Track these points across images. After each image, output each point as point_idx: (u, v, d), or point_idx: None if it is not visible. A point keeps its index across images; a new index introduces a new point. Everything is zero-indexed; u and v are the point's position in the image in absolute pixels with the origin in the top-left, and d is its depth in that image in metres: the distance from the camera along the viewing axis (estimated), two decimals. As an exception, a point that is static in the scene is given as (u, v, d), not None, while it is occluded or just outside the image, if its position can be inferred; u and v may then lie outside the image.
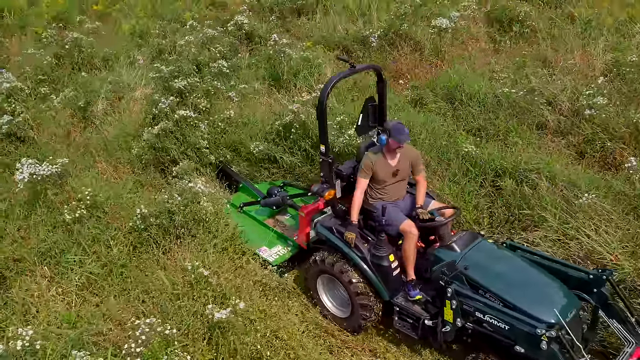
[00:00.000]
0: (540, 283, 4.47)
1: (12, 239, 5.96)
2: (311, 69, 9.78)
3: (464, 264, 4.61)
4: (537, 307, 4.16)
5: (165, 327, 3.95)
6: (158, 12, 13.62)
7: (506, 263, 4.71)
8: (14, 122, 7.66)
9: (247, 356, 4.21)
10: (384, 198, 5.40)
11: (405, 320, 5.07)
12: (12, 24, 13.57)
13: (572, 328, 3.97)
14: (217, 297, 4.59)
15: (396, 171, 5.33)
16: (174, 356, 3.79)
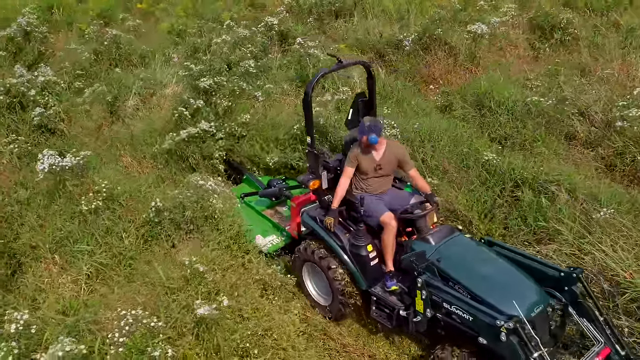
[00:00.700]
0: (510, 278, 4.50)
1: (31, 226, 6.17)
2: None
3: (437, 256, 4.71)
4: (502, 300, 4.20)
5: (152, 319, 4.02)
6: (199, 11, 13.89)
7: (479, 258, 4.77)
8: (46, 114, 7.95)
9: (231, 353, 4.24)
10: (367, 190, 5.50)
11: (382, 310, 5.19)
12: (60, 20, 14.11)
13: (537, 323, 4.07)
14: (210, 293, 4.63)
15: (379, 166, 5.42)
16: (158, 348, 3.85)
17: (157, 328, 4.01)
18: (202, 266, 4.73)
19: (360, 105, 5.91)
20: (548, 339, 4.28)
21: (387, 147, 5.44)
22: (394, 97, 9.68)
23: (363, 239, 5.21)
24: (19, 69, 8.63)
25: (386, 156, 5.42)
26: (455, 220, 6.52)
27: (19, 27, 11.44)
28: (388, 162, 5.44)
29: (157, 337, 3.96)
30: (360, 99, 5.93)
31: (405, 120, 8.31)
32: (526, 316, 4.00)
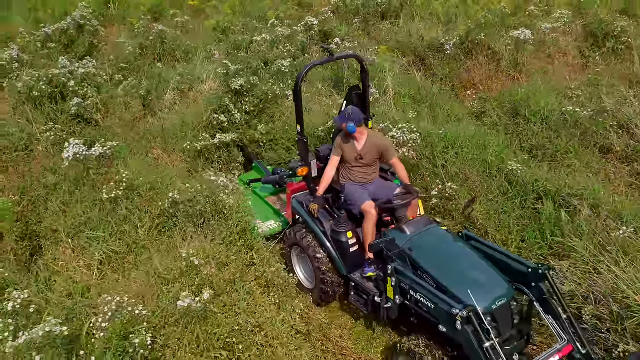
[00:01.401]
0: (478, 271, 4.56)
1: (54, 210, 6.44)
2: (374, 73, 9.68)
3: (409, 245, 4.83)
4: (463, 290, 4.24)
5: (137, 307, 4.13)
6: (246, 9, 14.10)
7: (451, 249, 4.89)
8: (83, 104, 8.26)
9: (213, 345, 4.29)
10: (351, 178, 5.71)
11: (360, 295, 5.41)
12: (115, 14, 14.64)
13: (498, 315, 4.22)
14: (202, 286, 4.71)
15: (359, 155, 5.58)
16: (138, 335, 3.96)
17: (141, 316, 4.11)
18: (197, 259, 4.79)
19: (354, 98, 6.06)
20: (512, 332, 4.35)
21: (368, 137, 5.60)
22: (428, 101, 9.54)
23: (343, 225, 5.41)
24: (62, 60, 8.99)
25: (367, 146, 5.57)
26: (471, 228, 6.37)
27: (73, 19, 11.92)
28: (369, 151, 5.58)
29: (139, 324, 4.05)
30: (354, 91, 6.08)
31: (434, 125, 8.19)
32: (487, 308, 4.15)
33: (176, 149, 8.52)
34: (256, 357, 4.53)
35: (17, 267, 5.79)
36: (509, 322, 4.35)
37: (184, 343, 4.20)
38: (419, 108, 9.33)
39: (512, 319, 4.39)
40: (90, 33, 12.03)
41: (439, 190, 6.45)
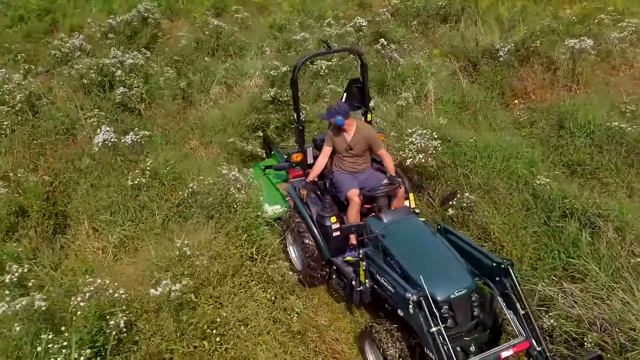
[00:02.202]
0: (444, 262, 4.65)
1: (82, 193, 6.78)
2: (417, 77, 9.52)
3: (383, 232, 4.97)
4: (423, 277, 4.30)
5: (117, 291, 4.29)
6: (307, 8, 14.20)
7: (422, 239, 4.96)
8: (128, 94, 8.64)
9: (190, 334, 4.39)
10: (343, 168, 5.93)
11: (340, 279, 5.63)
12: (182, 8, 15.17)
13: (456, 305, 4.32)
14: (190, 277, 4.81)
15: (349, 146, 5.80)
16: (114, 316, 4.11)
17: (121, 300, 4.26)
18: (189, 250, 4.90)
19: (354, 90, 6.27)
20: (471, 323, 4.43)
21: (357, 128, 5.79)
22: (472, 108, 9.27)
23: (328, 210, 5.62)
24: (114, 50, 9.42)
25: (356, 137, 5.77)
26: (485, 241, 6.14)
27: (138, 12, 12.47)
28: (358, 142, 5.78)
29: (117, 307, 4.20)
30: (355, 85, 6.28)
31: (474, 133, 7.95)
32: (445, 296, 4.28)
33: (213, 142, 8.73)
34: (233, 350, 4.56)
35: (38, 244, 6.11)
36: (467, 313, 4.42)
37: (158, 329, 4.31)
38: (460, 115, 9.08)
39: (471, 310, 4.45)
40: (153, 26, 12.49)
41: (458, 199, 6.25)
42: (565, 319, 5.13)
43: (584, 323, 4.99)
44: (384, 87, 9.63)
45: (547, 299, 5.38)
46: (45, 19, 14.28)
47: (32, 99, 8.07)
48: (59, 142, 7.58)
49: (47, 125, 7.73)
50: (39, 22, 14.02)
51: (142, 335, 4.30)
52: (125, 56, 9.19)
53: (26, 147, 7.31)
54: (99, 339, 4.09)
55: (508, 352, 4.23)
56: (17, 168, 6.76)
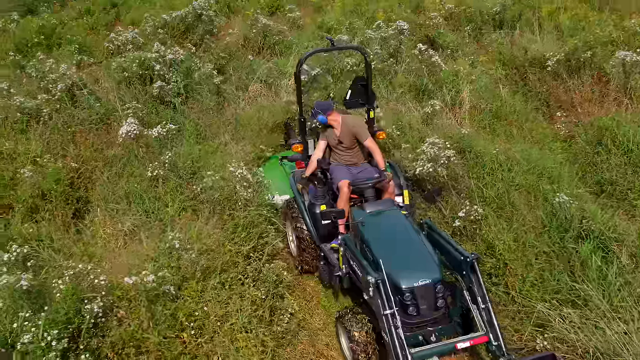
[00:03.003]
0: (415, 252, 4.83)
1: (104, 181, 7.08)
2: (456, 84, 9.29)
3: (364, 221, 5.17)
4: (388, 264, 4.55)
5: (98, 277, 4.47)
6: (361, 9, 14.11)
7: (399, 231, 5.13)
8: (165, 88, 8.93)
9: (166, 325, 4.52)
10: (338, 160, 6.19)
11: (327, 266, 5.73)
12: (240, 6, 15.46)
13: (419, 293, 4.49)
14: (177, 269, 4.94)
15: (339, 140, 6.06)
16: (92, 301, 4.30)
17: (99, 285, 4.43)
18: (178, 243, 5.03)
19: (359, 88, 6.44)
20: (435, 313, 4.58)
21: (342, 122, 6.03)
22: (509, 119, 8.96)
23: (320, 198, 5.85)
24: (157, 45, 9.73)
25: (343, 131, 6.03)
26: (490, 257, 5.92)
27: (193, 9, 12.82)
28: (346, 136, 6.03)
29: (97, 293, 4.38)
30: (360, 82, 6.45)
31: (499, 144, 7.70)
32: (408, 285, 4.47)
33: (245, 138, 8.86)
34: (208, 345, 4.64)
35: (57, 227, 6.43)
36: (431, 304, 4.56)
37: (135, 317, 4.45)
38: (495, 125, 8.80)
39: (435, 301, 4.57)
40: (206, 23, 12.80)
41: (466, 212, 6.06)
42: (560, 343, 4.93)
43: (578, 350, 4.76)
44: (420, 93, 9.46)
45: (544, 320, 5.16)
46: (111, 13, 14.97)
47: (74, 88, 8.48)
48: (92, 131, 7.93)
49: (82, 114, 8.10)
50: (104, 15, 14.69)
51: (116, 322, 4.44)
52: (167, 51, 9.45)
53: (60, 134, 7.69)
54: (75, 320, 4.26)
55: (465, 344, 4.38)
56: (46, 153, 7.13)
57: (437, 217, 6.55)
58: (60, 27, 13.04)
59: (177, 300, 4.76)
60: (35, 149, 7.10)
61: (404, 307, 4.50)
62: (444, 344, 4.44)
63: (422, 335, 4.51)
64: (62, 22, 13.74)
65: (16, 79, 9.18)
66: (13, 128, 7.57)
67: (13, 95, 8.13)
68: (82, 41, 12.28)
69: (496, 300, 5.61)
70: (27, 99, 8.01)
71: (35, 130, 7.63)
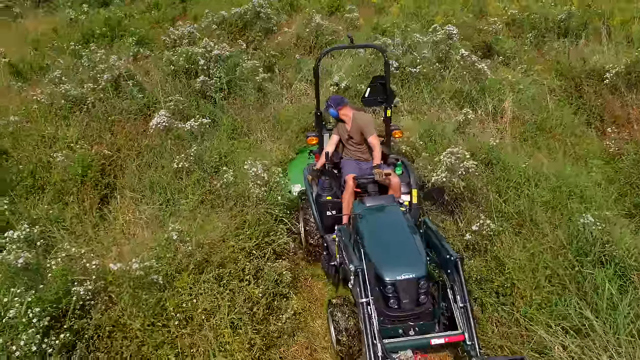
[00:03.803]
0: (404, 248, 4.90)
1: (133, 169, 7.35)
2: (501, 92, 8.96)
3: (361, 213, 5.30)
4: (377, 257, 4.74)
5: (90, 261, 4.65)
6: (422, 12, 13.86)
7: (393, 226, 5.19)
8: (208, 82, 9.15)
9: (151, 313, 4.66)
10: (348, 155, 6.37)
11: (327, 255, 5.86)
12: (302, 5, 15.57)
13: (401, 287, 4.56)
14: (171, 260, 5.07)
15: (349, 135, 6.23)
16: (81, 284, 4.49)
17: (91, 269, 4.61)
18: (175, 234, 5.15)
19: (378, 87, 6.50)
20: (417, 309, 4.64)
21: (353, 118, 6.17)
22: (554, 132, 8.54)
23: (327, 190, 6.04)
24: (205, 40, 9.97)
25: (353, 127, 6.17)
26: (499, 274, 5.66)
27: (252, 6, 13.07)
28: (355, 131, 6.17)
29: (88, 276, 4.57)
30: (379, 81, 6.50)
31: (533, 158, 7.37)
32: (391, 278, 4.56)
33: (283, 136, 8.95)
34: (189, 337, 4.72)
35: (83, 210, 6.74)
36: (413, 298, 4.62)
37: (120, 303, 4.60)
38: (538, 138, 8.41)
39: (417, 296, 4.63)
40: (264, 20, 13.01)
41: (479, 226, 5.84)
42: (558, 370, 4.68)
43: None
44: (462, 99, 9.20)
45: (544, 347, 4.89)
46: (177, 7, 15.49)
47: (121, 79, 8.84)
48: (130, 121, 8.24)
49: (123, 104, 8.44)
50: (170, 10, 15.23)
51: (104, 306, 4.61)
52: (215, 47, 9.67)
53: (99, 122, 8.05)
54: (63, 301, 4.46)
55: (439, 340, 4.46)
56: (82, 140, 7.48)
57: (452, 228, 6.34)
58: (127, 20, 13.63)
59: (165, 290, 4.86)
60: (72, 135, 7.45)
61: (385, 299, 4.62)
62: (419, 338, 4.53)
63: (402, 329, 4.62)
64: (130, 15, 14.37)
65: (73, 68, 9.67)
66: (56, 114, 7.99)
67: (63, 83, 8.57)
68: (144, 34, 12.78)
69: (500, 320, 5.38)
70: (74, 87, 8.42)
71: (76, 117, 8.01)
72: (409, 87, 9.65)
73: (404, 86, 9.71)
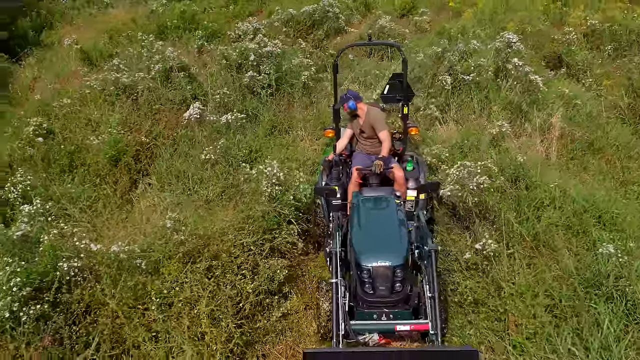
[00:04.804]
0: (387, 237, 5.08)
1: (165, 157, 7.65)
2: (555, 106, 8.45)
3: (357, 202, 5.55)
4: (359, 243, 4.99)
5: (81, 240, 4.91)
6: (497, 17, 13.27)
7: (384, 216, 5.40)
8: (256, 78, 9.33)
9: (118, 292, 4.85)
10: (360, 148, 6.60)
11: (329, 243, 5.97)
12: (379, 5, 15.45)
13: (376, 273, 4.79)
14: (159, 245, 5.25)
15: (361, 130, 6.44)
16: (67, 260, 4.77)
17: (85, 248, 4.87)
18: (170, 222, 5.32)
19: (396, 84, 6.78)
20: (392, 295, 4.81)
21: (366, 113, 6.37)
22: (606, 153, 7.94)
23: (334, 180, 6.32)
24: (260, 37, 10.14)
25: (366, 121, 6.35)
26: (496, 298, 5.36)
27: (321, 6, 13.15)
28: (368, 126, 6.35)
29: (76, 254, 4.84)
30: (398, 78, 6.75)
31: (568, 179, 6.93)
32: (367, 263, 4.79)
33: (321, 137, 8.95)
34: (165, 323, 4.86)
35: (112, 191, 7.13)
36: (388, 286, 4.79)
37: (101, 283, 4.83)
38: (587, 159, 7.85)
39: (392, 284, 4.80)
40: (332, 20, 13.05)
41: (483, 245, 5.57)
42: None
43: None
44: (512, 111, 8.75)
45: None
46: (254, 3, 15.86)
47: (173, 70, 9.20)
48: (172, 111, 8.56)
49: (169, 94, 8.79)
50: (247, 6, 15.62)
51: (87, 284, 4.85)
52: (268, 43, 9.84)
53: (143, 110, 8.44)
54: (50, 275, 4.74)
55: (404, 327, 4.70)
56: (123, 126, 7.88)
57: (462, 244, 6.08)
58: (203, 14, 14.16)
59: (150, 275, 5.04)
60: (113, 120, 7.87)
61: (362, 284, 4.84)
62: (385, 323, 4.76)
63: (376, 314, 4.81)
64: (208, 9, 14.91)
65: (137, 57, 10.17)
66: (105, 100, 8.47)
67: (119, 71, 9.07)
68: (217, 28, 13.19)
69: (492, 346, 5.10)
70: (127, 75, 8.88)
71: (123, 103, 8.45)
72: (459, 94, 9.32)
73: (454, 93, 9.39)
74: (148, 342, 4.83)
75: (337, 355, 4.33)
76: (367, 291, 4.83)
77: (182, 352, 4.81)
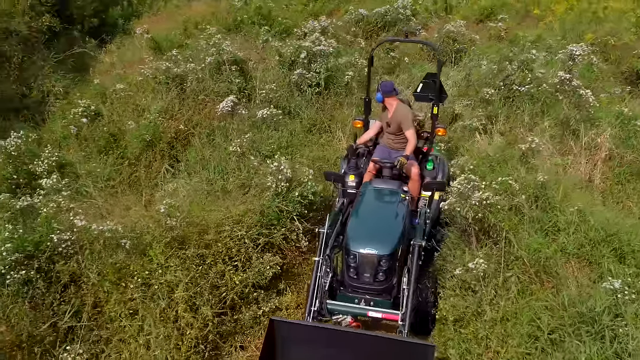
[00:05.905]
0: (381, 227, 5.24)
1: (198, 146, 7.95)
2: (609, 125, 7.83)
3: (364, 192, 5.72)
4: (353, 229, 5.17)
5: (75, 217, 5.25)
6: (579, 27, 12.43)
7: (385, 207, 5.59)
8: (305, 76, 9.43)
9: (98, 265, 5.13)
10: (383, 142, 6.69)
11: None
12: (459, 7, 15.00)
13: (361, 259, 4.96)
14: (148, 229, 5.49)
15: (388, 123, 6.45)
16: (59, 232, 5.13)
17: (85, 228, 5.22)
18: (163, 207, 5.56)
19: (430, 83, 6.79)
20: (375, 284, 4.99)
21: (395, 109, 6.33)
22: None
23: (352, 169, 6.43)
24: (316, 35, 10.15)
25: (394, 116, 6.34)
26: (476, 319, 5.11)
27: (394, 7, 13.02)
28: (395, 121, 6.35)
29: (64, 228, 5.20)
30: (432, 78, 6.78)
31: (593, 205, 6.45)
32: (354, 249, 4.97)
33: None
34: (140, 303, 5.10)
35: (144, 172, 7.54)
36: (371, 272, 4.95)
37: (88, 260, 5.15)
38: (633, 183, 7.23)
39: (376, 272, 4.95)
40: (403, 22, 12.87)
41: (475, 264, 5.31)
42: None
43: None
44: (562, 126, 8.21)
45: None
46: (334, 1, 15.95)
47: (225, 64, 9.50)
48: (217, 102, 8.82)
49: (215, 86, 9.08)
50: (328, 4, 15.75)
51: (77, 257, 5.19)
52: (323, 42, 9.90)
53: (187, 99, 8.80)
54: (43, 246, 5.12)
55: (376, 314, 4.89)
56: (163, 113, 8.27)
57: (461, 259, 5.82)
58: (281, 10, 14.46)
59: (134, 255, 5.29)
60: (155, 107, 8.27)
61: (348, 268, 5.03)
62: (359, 307, 4.95)
63: (357, 299, 5.00)
64: (288, 6, 15.20)
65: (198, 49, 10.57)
66: (154, 88, 8.90)
67: (176, 61, 9.50)
68: (291, 25, 13.43)
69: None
70: (180, 65, 9.29)
71: (171, 92, 8.84)
72: (510, 106, 8.89)
73: (505, 104, 8.97)
74: (124, 318, 5.10)
75: (301, 327, 4.58)
76: (352, 276, 5.01)
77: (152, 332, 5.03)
